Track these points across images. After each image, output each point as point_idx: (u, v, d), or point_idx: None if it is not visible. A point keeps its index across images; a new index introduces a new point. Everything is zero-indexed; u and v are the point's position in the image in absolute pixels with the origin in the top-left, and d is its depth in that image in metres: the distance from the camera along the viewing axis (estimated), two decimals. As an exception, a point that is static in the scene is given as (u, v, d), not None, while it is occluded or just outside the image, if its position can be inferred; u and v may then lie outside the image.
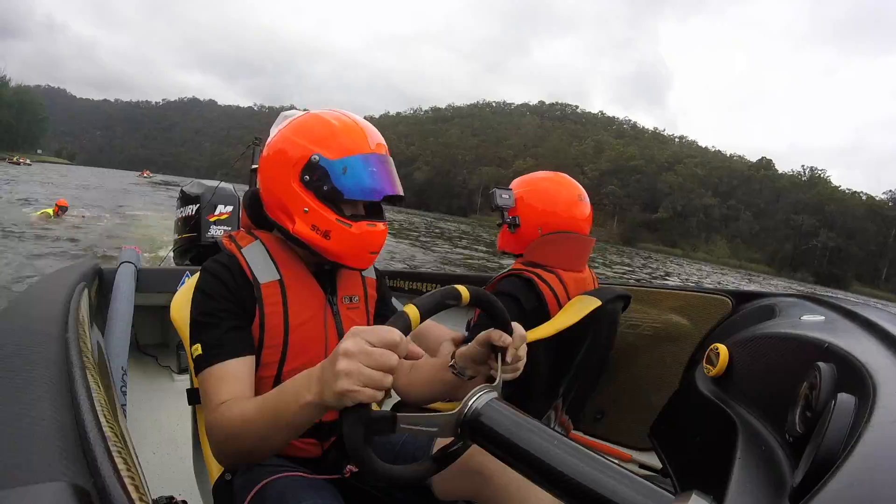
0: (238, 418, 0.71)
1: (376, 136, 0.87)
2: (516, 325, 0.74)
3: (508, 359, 0.73)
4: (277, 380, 0.85)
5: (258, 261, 0.86)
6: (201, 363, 0.78)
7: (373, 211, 0.89)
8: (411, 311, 0.60)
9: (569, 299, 1.36)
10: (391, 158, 0.88)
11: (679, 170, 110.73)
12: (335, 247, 0.83)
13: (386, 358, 0.56)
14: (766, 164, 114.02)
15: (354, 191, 0.82)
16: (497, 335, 0.73)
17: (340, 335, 0.90)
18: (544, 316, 1.31)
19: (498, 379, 0.72)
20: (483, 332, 0.75)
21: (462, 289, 0.67)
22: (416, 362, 0.93)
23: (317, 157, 0.81)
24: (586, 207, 1.43)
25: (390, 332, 0.57)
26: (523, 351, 0.75)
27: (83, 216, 11.86)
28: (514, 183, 1.49)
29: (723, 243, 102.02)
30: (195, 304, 0.82)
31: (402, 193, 0.87)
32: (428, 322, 0.94)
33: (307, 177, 0.81)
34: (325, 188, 0.81)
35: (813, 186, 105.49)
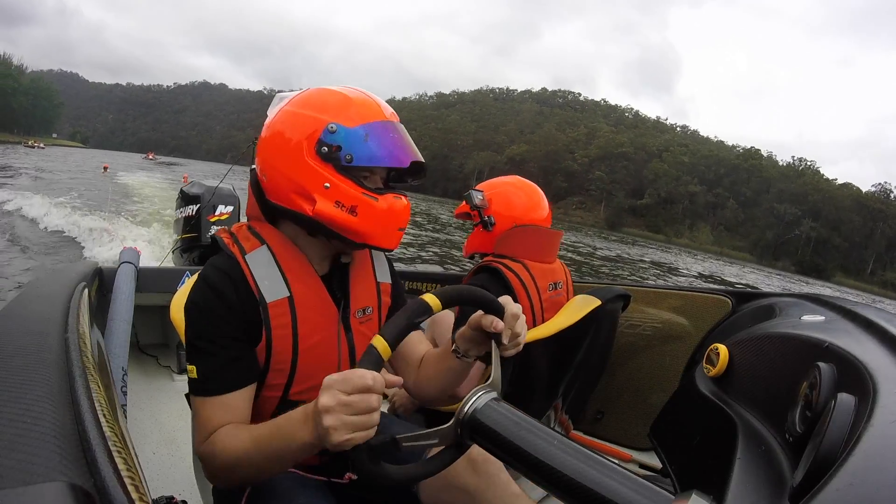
0: (233, 454, 0.68)
1: (389, 107, 0.82)
2: (507, 302, 0.72)
3: (505, 340, 0.71)
4: (283, 401, 0.81)
5: (264, 273, 0.78)
6: (195, 389, 0.74)
7: (390, 188, 0.83)
8: (379, 343, 0.59)
9: (537, 289, 1.38)
10: None
11: (666, 157, 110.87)
12: (363, 225, 0.75)
13: (365, 403, 0.56)
14: (754, 154, 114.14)
15: (382, 157, 0.75)
16: (488, 321, 0.70)
17: (352, 355, 0.86)
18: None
19: (495, 372, 0.71)
20: (474, 315, 0.73)
21: (429, 298, 0.64)
22: (424, 356, 0.91)
23: (334, 126, 0.74)
24: (544, 210, 1.51)
25: (361, 379, 0.56)
26: (520, 326, 0.72)
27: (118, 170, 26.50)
28: (482, 186, 1.56)
29: (706, 230, 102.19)
30: (190, 319, 0.75)
31: (423, 161, 0.82)
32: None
33: (325, 148, 0.74)
34: (349, 158, 0.74)
35: (800, 176, 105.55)
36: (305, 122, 0.76)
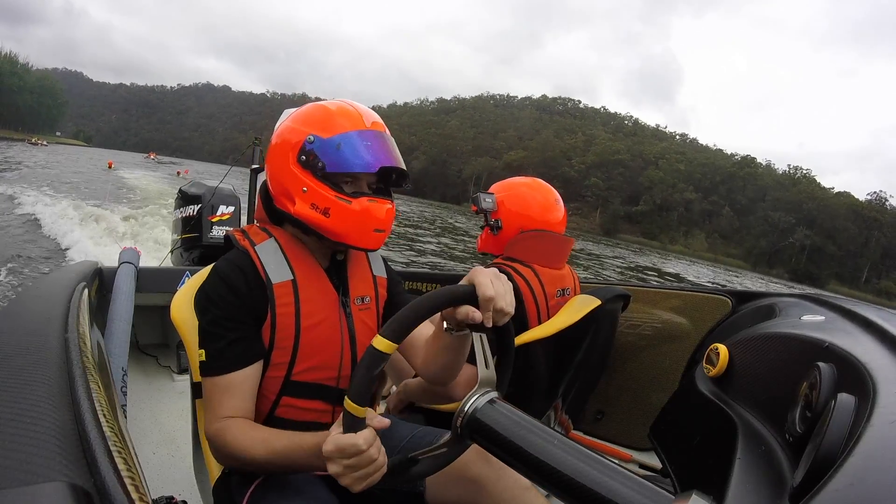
0: (242, 453, 0.75)
1: (373, 117, 0.87)
2: (478, 283, 0.67)
3: (489, 324, 0.68)
4: (286, 381, 0.85)
5: (272, 260, 0.85)
6: (204, 370, 0.80)
7: (378, 192, 0.89)
8: (349, 405, 0.61)
9: (545, 294, 1.38)
10: (391, 137, 0.88)
11: (662, 165, 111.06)
12: (336, 225, 0.82)
13: (366, 459, 0.62)
14: (749, 162, 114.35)
15: (350, 164, 0.82)
16: (463, 313, 0.69)
17: (352, 337, 0.91)
18: (520, 309, 1.33)
19: (482, 369, 0.69)
20: (445, 311, 0.71)
21: (378, 342, 0.60)
22: (427, 337, 0.91)
23: (312, 137, 0.82)
24: (560, 212, 1.50)
25: (354, 446, 0.61)
26: (501, 302, 0.67)
27: (121, 167, 28.78)
28: (495, 187, 1.55)
29: (701, 237, 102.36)
30: (202, 308, 0.82)
31: (401, 166, 0.86)
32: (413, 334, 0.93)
33: (304, 157, 0.82)
34: (321, 165, 0.82)
35: (795, 184, 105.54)
36: (293, 134, 0.85)
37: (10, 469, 0.33)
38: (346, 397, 0.61)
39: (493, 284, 0.67)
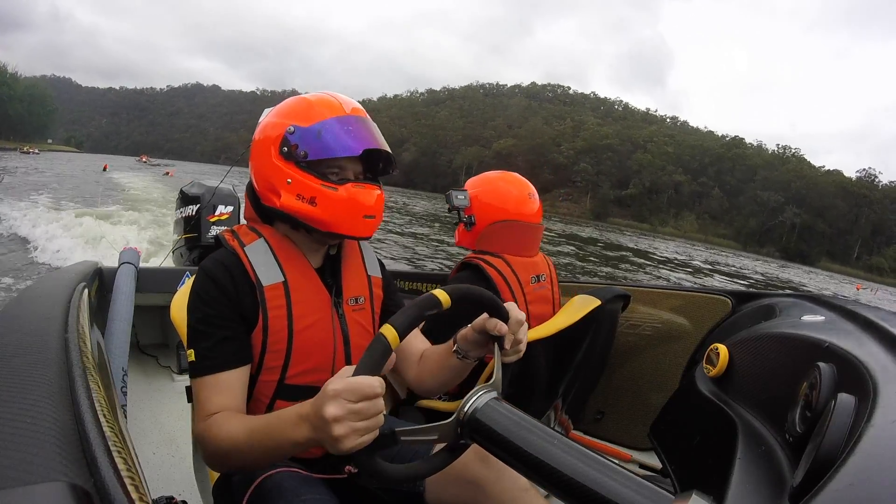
0: (226, 441, 0.72)
1: (353, 104, 0.87)
2: (512, 308, 0.74)
3: (507, 346, 0.73)
4: (280, 386, 0.85)
5: (261, 261, 0.84)
6: (193, 370, 0.79)
7: (365, 180, 0.88)
8: (388, 332, 0.59)
9: (519, 282, 1.40)
10: (373, 122, 0.88)
11: (650, 148, 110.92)
12: (323, 214, 0.81)
13: (373, 408, 0.57)
14: (738, 143, 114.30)
15: (332, 149, 0.81)
16: (492, 324, 0.72)
17: (346, 339, 0.90)
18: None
19: (496, 373, 0.71)
20: (479, 318, 0.75)
21: (439, 293, 0.65)
22: (424, 352, 0.93)
23: (292, 128, 0.82)
24: (535, 204, 1.51)
25: (371, 388, 0.57)
26: (522, 334, 0.74)
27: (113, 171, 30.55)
28: (469, 183, 1.57)
29: (691, 219, 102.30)
30: (191, 307, 0.82)
31: (385, 149, 0.86)
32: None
33: (285, 148, 0.82)
34: (303, 154, 0.81)
35: (784, 164, 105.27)
36: (273, 127, 0.85)
37: (10, 469, 0.33)
38: (385, 324, 0.60)
39: (523, 321, 0.74)
